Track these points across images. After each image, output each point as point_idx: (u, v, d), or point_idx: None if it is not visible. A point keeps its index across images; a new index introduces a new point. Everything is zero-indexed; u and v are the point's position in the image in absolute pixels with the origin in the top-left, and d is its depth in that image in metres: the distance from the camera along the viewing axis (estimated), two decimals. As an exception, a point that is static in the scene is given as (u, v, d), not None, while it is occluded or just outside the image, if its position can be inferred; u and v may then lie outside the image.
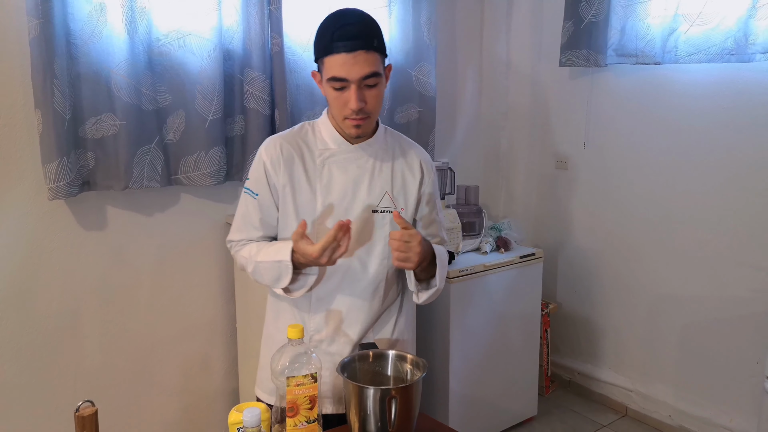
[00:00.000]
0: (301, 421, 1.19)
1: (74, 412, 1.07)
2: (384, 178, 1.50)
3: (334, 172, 1.47)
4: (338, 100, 1.39)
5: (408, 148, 1.57)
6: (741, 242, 2.51)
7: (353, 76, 1.35)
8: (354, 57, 1.34)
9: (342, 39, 1.34)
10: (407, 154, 1.55)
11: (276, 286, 1.44)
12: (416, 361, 1.35)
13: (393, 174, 1.51)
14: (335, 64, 1.35)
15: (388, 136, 1.56)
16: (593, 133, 2.98)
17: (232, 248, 1.56)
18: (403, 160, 1.54)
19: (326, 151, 1.48)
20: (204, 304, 2.47)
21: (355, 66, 1.34)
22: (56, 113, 1.93)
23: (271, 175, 1.47)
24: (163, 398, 2.41)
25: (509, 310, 2.73)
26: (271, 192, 1.48)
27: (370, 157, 1.49)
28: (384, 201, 1.49)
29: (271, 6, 2.31)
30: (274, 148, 1.48)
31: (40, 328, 2.11)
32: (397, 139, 1.58)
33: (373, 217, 1.48)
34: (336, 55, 1.35)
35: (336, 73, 1.36)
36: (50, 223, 2.09)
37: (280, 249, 1.42)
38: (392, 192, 1.50)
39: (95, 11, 2.00)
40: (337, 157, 1.48)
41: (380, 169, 1.50)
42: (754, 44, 2.30)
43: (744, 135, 2.46)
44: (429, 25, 2.79)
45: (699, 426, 2.70)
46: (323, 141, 1.49)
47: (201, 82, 2.21)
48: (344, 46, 1.34)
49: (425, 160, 1.57)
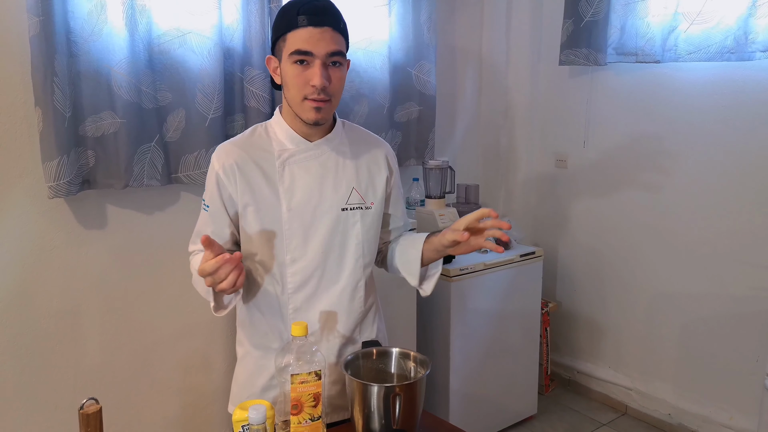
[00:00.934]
0: (305, 418, 1.19)
1: (78, 409, 1.07)
2: (348, 173, 1.43)
3: (296, 172, 1.39)
4: (299, 77, 1.30)
5: (370, 141, 1.51)
6: (741, 240, 2.51)
7: (320, 50, 1.28)
8: (321, 32, 1.28)
9: (309, 13, 1.28)
10: (370, 147, 1.49)
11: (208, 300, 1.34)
12: (420, 358, 1.35)
13: (357, 169, 1.44)
14: (300, 38, 1.28)
15: (347, 129, 1.49)
16: (593, 132, 2.98)
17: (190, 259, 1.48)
18: (367, 154, 1.47)
19: (284, 152, 1.39)
20: (204, 302, 2.42)
21: (321, 41, 1.28)
22: (56, 111, 1.92)
23: (224, 186, 1.37)
24: (163, 396, 2.41)
25: (509, 308, 2.73)
26: (224, 203, 1.38)
27: (331, 153, 1.42)
28: (352, 198, 1.43)
29: (271, 4, 2.30)
30: (226, 155, 1.38)
31: (40, 326, 2.11)
32: (357, 132, 1.51)
33: (343, 216, 1.41)
34: (301, 29, 1.28)
35: (301, 46, 1.28)
36: (50, 221, 2.09)
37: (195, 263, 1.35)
38: (359, 188, 1.44)
39: (95, 9, 1.99)
40: (297, 156, 1.39)
41: (343, 164, 1.43)
42: (754, 42, 2.31)
43: (744, 133, 2.46)
44: (429, 24, 2.79)
45: (699, 424, 2.71)
46: (279, 142, 1.40)
47: (201, 81, 2.21)
48: (311, 20, 1.28)
49: (389, 152, 1.52)
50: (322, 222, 1.40)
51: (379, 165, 1.48)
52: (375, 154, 1.49)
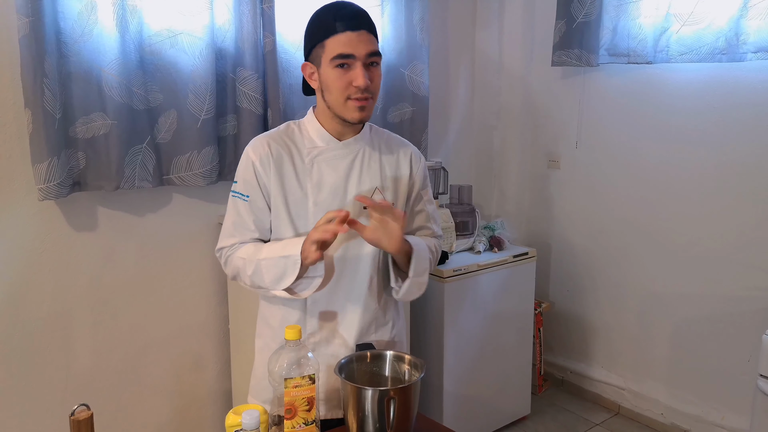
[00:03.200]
0: (299, 423, 1.18)
1: (69, 416, 1.06)
2: (373, 173, 1.48)
3: (324, 169, 1.45)
4: (341, 80, 1.36)
5: (395, 143, 1.56)
6: (732, 240, 2.53)
7: (360, 51, 1.34)
8: (359, 35, 1.34)
9: (346, 18, 1.35)
10: (395, 149, 1.54)
11: (277, 285, 1.38)
12: (414, 361, 1.34)
13: (382, 169, 1.50)
14: (340, 43, 1.34)
15: (373, 133, 1.54)
16: (585, 133, 2.99)
17: (223, 255, 1.50)
18: (391, 155, 1.53)
19: (314, 149, 1.46)
20: (196, 305, 2.46)
21: (360, 43, 1.34)
22: (46, 113, 1.91)
23: (261, 176, 1.43)
24: (155, 400, 2.39)
25: (502, 309, 2.73)
26: (263, 193, 1.44)
27: (358, 153, 1.48)
28: (374, 197, 1.48)
29: (263, 5, 2.29)
30: (262, 147, 1.44)
31: (30, 329, 2.09)
32: (383, 135, 1.57)
33: (364, 214, 1.45)
34: (340, 34, 1.34)
35: (342, 50, 1.34)
36: (40, 224, 2.07)
37: (287, 244, 1.38)
38: (382, 187, 1.49)
39: (86, 9, 1.98)
40: (326, 154, 1.46)
41: (369, 165, 1.48)
42: (746, 44, 2.32)
43: (735, 134, 2.48)
44: (422, 25, 2.79)
45: (691, 424, 2.72)
46: (311, 139, 1.47)
47: (193, 82, 2.19)
48: (348, 25, 1.34)
49: (414, 154, 1.57)
50: None
51: (402, 166, 1.53)
52: (399, 155, 1.54)
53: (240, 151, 2.35)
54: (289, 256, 1.35)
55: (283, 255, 1.36)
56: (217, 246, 1.51)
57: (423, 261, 1.47)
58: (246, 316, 2.38)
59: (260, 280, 1.41)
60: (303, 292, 1.40)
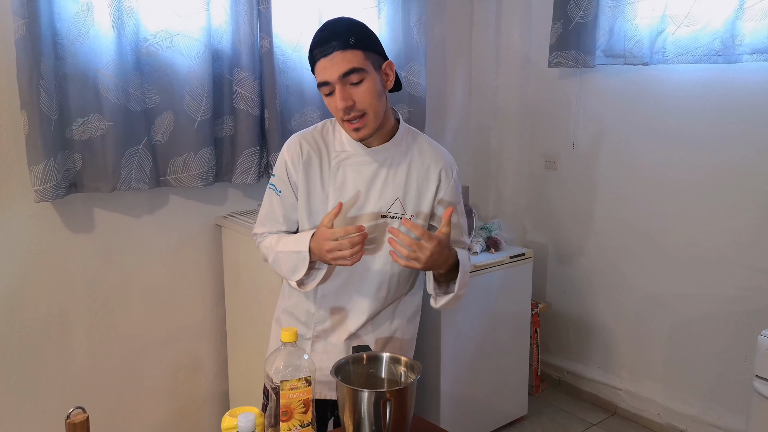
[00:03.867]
0: (295, 425, 1.18)
1: (65, 419, 1.06)
2: (397, 183, 1.50)
3: (348, 174, 1.49)
4: (330, 105, 1.42)
5: (429, 154, 1.54)
6: (729, 241, 2.53)
7: (332, 76, 1.37)
8: (330, 59, 1.37)
9: (318, 47, 1.39)
10: (426, 159, 1.53)
11: (292, 277, 1.48)
12: (410, 363, 1.34)
13: (407, 180, 1.50)
14: (318, 72, 1.40)
15: (409, 138, 1.54)
16: (582, 134, 2.99)
17: (256, 240, 1.62)
18: (420, 165, 1.52)
19: (342, 153, 1.51)
20: (193, 306, 2.45)
21: (333, 67, 1.37)
22: (42, 114, 1.90)
23: (291, 174, 1.52)
24: (152, 401, 2.39)
25: (500, 309, 2.74)
26: (293, 189, 1.53)
27: (385, 161, 1.50)
28: (394, 207, 1.50)
29: (260, 6, 2.29)
30: (295, 147, 1.52)
31: (27, 331, 2.09)
32: (420, 142, 1.55)
33: (382, 222, 1.50)
34: (318, 62, 1.39)
35: (319, 78, 1.40)
36: (37, 225, 2.07)
37: (299, 239, 1.47)
38: (404, 198, 1.50)
39: (82, 11, 1.98)
40: (352, 159, 1.50)
41: (394, 174, 1.50)
42: (741, 45, 2.32)
43: (731, 135, 2.48)
44: (419, 26, 2.79)
45: (688, 424, 2.73)
46: (341, 142, 1.51)
47: (190, 83, 2.19)
48: (320, 53, 1.38)
49: (446, 166, 1.54)
50: (361, 223, 1.47)
51: (430, 178, 1.52)
52: (428, 167, 1.53)
53: (236, 152, 2.37)
54: (300, 252, 1.44)
55: (295, 250, 1.46)
56: (253, 231, 1.64)
57: (466, 276, 1.50)
58: (243, 318, 2.38)
59: (279, 269, 1.52)
60: (308, 285, 1.50)
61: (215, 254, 2.45)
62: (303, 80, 2.49)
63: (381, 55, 1.44)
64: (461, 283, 1.48)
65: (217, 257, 2.46)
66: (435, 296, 1.52)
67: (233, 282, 2.41)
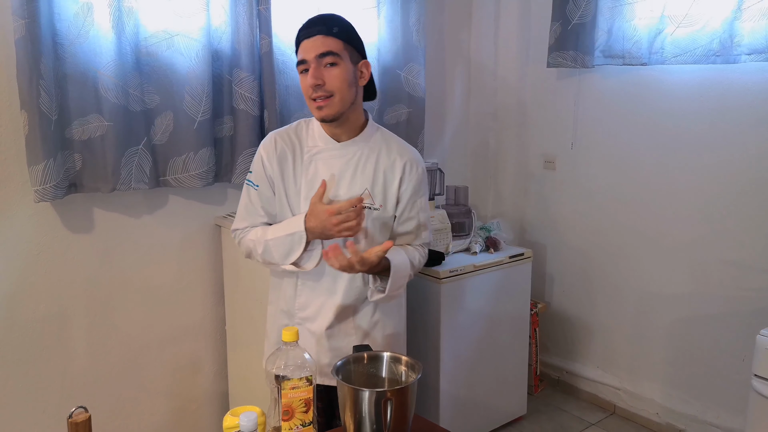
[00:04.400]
0: (296, 424, 1.18)
1: (67, 418, 1.06)
2: (366, 175, 1.59)
3: (319, 168, 1.59)
4: (303, 83, 1.53)
5: (396, 149, 1.64)
6: (727, 241, 2.54)
7: (309, 55, 1.50)
8: (312, 41, 1.51)
9: (303, 29, 1.53)
10: (392, 153, 1.63)
11: (286, 260, 1.56)
12: (411, 362, 1.35)
13: (375, 173, 1.60)
14: (300, 51, 1.53)
15: (378, 135, 1.65)
16: (581, 134, 3.00)
17: (236, 236, 1.68)
18: (387, 159, 1.62)
19: (314, 148, 1.61)
20: (193, 306, 2.45)
21: (312, 48, 1.50)
22: (42, 114, 1.91)
23: (267, 168, 1.61)
24: (151, 401, 2.39)
25: (499, 309, 2.74)
26: (269, 183, 1.62)
27: (354, 155, 1.60)
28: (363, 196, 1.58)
29: (259, 6, 2.30)
30: (270, 143, 1.62)
31: (27, 331, 2.09)
32: (388, 138, 1.66)
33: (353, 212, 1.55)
34: (301, 43, 1.52)
35: (299, 56, 1.53)
36: (37, 225, 2.07)
37: (290, 223, 1.56)
38: (372, 189, 1.59)
39: (82, 11, 1.98)
40: (323, 154, 1.60)
41: (363, 167, 1.59)
42: (740, 45, 2.33)
43: (729, 135, 2.49)
44: (418, 26, 2.79)
45: (686, 423, 2.73)
46: (314, 138, 1.62)
47: (189, 83, 2.19)
48: (305, 35, 1.52)
49: (410, 160, 1.64)
50: None
51: (394, 171, 1.62)
52: (394, 160, 1.63)
53: (236, 152, 2.37)
54: (294, 233, 1.53)
55: (289, 233, 1.54)
56: (233, 227, 1.70)
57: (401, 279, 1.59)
58: (243, 318, 2.38)
59: (270, 257, 1.59)
60: (306, 264, 1.57)
61: (215, 254, 2.46)
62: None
63: (360, 54, 1.57)
64: (393, 286, 1.56)
65: (217, 257, 2.46)
66: (370, 291, 1.60)
67: (233, 282, 2.41)
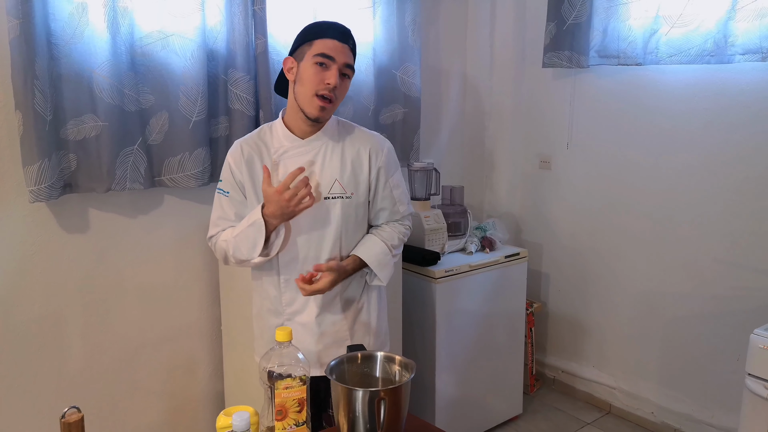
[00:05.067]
0: (290, 424, 1.19)
1: (60, 418, 1.06)
2: (333, 167, 1.65)
3: (289, 166, 1.63)
4: (317, 75, 1.57)
5: (359, 137, 1.71)
6: (721, 241, 2.55)
7: (340, 59, 1.58)
8: (343, 46, 1.59)
9: (337, 31, 1.60)
10: (357, 143, 1.70)
11: (253, 252, 1.59)
12: (404, 362, 1.35)
13: (342, 163, 1.66)
14: (326, 45, 1.57)
15: (339, 127, 1.71)
16: (576, 134, 3.00)
17: (211, 242, 1.74)
18: (352, 148, 1.69)
19: (280, 149, 1.66)
20: (189, 306, 2.45)
21: (342, 52, 1.59)
22: (37, 114, 1.90)
23: (236, 174, 1.67)
24: (147, 401, 2.39)
25: (494, 309, 2.75)
26: (239, 188, 1.68)
27: (320, 149, 1.66)
28: (334, 188, 1.65)
29: (255, 6, 2.30)
30: (236, 150, 1.68)
31: (21, 332, 2.08)
32: (349, 129, 1.73)
33: (325, 204, 1.64)
34: (328, 39, 1.58)
35: (326, 51, 1.57)
36: (31, 226, 2.06)
37: (250, 216, 1.61)
38: (342, 179, 1.66)
39: (77, 11, 1.97)
40: (290, 152, 1.66)
41: (330, 159, 1.66)
42: (734, 45, 2.34)
43: (723, 135, 2.50)
44: (413, 26, 2.80)
45: (681, 422, 2.74)
46: (279, 139, 1.67)
47: (184, 83, 2.19)
48: (337, 36, 1.59)
49: (373, 147, 1.70)
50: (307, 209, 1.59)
51: (362, 158, 1.69)
52: (359, 149, 1.69)
53: (232, 152, 2.37)
54: (254, 223, 1.57)
55: (250, 223, 1.59)
56: (207, 236, 1.76)
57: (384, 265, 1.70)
58: (238, 318, 2.38)
59: (240, 253, 1.63)
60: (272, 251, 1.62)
61: (211, 254, 2.45)
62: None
63: None
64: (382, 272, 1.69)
65: (213, 257, 2.46)
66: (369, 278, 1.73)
67: (228, 282, 2.41)
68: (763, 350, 1.98)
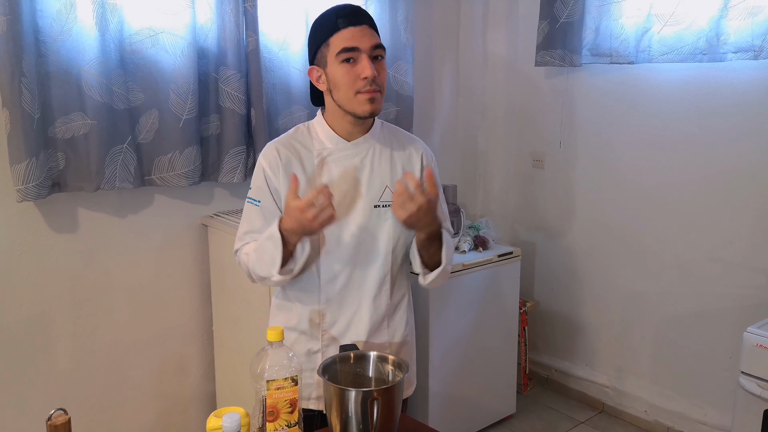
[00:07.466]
0: (281, 425, 1.17)
1: (46, 420, 1.04)
2: (383, 172, 1.49)
3: (333, 170, 1.47)
4: (349, 74, 1.39)
5: (407, 140, 1.57)
6: (713, 239, 2.55)
7: (364, 44, 1.38)
8: (361, 29, 1.39)
9: (347, 15, 1.39)
10: (406, 146, 1.55)
11: (272, 270, 1.38)
12: (397, 362, 1.34)
13: (392, 168, 1.50)
14: (344, 38, 1.38)
15: (384, 129, 1.55)
16: (569, 132, 3.00)
17: (236, 256, 1.53)
18: (402, 152, 1.53)
19: (324, 150, 1.48)
20: (179, 306, 2.43)
21: (364, 36, 1.38)
22: (25, 113, 1.88)
23: (271, 180, 1.46)
24: (137, 403, 2.37)
25: (488, 308, 2.74)
26: (273, 197, 1.47)
27: (367, 152, 1.49)
28: (385, 195, 1.48)
29: (246, 3, 2.28)
30: (271, 152, 1.48)
31: (9, 333, 2.06)
32: (395, 132, 1.57)
33: (375, 213, 1.47)
34: (343, 30, 1.38)
35: (347, 44, 1.38)
36: (19, 225, 2.04)
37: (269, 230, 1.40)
38: (392, 185, 1.48)
39: (65, 8, 1.95)
40: (335, 155, 1.47)
41: (379, 163, 1.49)
42: (726, 44, 2.34)
43: (716, 133, 2.50)
44: (406, 24, 2.79)
45: (674, 420, 2.74)
46: (320, 141, 1.49)
47: (175, 81, 2.17)
48: (350, 21, 1.38)
49: (426, 151, 1.56)
50: (355, 217, 1.46)
51: (413, 163, 1.53)
52: (410, 152, 1.54)
53: (223, 151, 2.35)
54: (271, 236, 1.37)
55: (267, 237, 1.39)
56: (234, 248, 1.55)
57: (450, 250, 1.51)
58: (229, 318, 2.36)
59: (261, 270, 1.42)
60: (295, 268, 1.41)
61: (201, 254, 2.43)
62: (290, 79, 2.48)
63: None
64: (448, 257, 1.48)
65: (204, 257, 2.44)
66: (423, 273, 1.51)
67: (220, 282, 2.39)
68: (756, 348, 1.98)
